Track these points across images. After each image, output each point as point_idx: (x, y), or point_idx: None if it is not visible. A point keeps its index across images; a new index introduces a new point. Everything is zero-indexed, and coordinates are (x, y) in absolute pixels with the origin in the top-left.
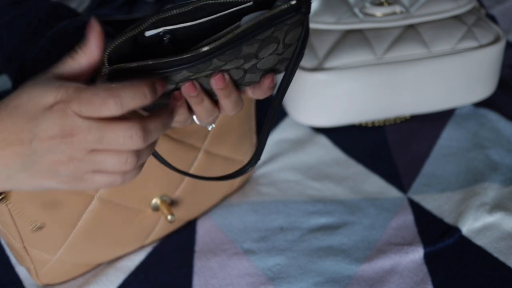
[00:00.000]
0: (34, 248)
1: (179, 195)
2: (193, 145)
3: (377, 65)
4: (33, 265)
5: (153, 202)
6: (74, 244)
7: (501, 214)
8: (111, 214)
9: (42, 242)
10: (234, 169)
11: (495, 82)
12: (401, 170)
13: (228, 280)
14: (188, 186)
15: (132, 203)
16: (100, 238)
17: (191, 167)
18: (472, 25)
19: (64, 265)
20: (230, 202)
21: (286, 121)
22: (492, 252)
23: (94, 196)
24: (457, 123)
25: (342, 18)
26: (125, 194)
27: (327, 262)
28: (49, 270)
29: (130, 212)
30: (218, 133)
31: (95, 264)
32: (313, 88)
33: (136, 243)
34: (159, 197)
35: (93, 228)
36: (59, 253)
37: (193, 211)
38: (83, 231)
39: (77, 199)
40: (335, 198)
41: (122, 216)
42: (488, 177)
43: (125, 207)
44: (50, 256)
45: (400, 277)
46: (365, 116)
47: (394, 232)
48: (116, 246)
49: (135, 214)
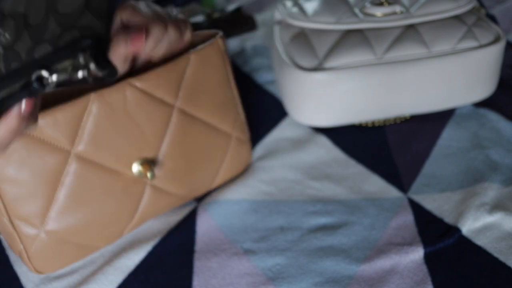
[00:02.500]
0: (19, 220)
1: (161, 160)
2: (163, 100)
3: (377, 65)
4: (23, 244)
5: (134, 165)
6: (58, 213)
7: (501, 214)
8: (91, 175)
9: (26, 210)
10: (219, 140)
11: (495, 82)
12: (401, 170)
13: (228, 280)
14: (170, 151)
15: (110, 163)
16: (85, 208)
17: (166, 127)
18: (472, 25)
19: (54, 245)
20: (230, 201)
21: (286, 120)
22: (492, 252)
23: (70, 151)
24: (457, 123)
25: (342, 18)
26: (103, 151)
27: (327, 262)
28: (38, 250)
29: (110, 175)
30: (190, 91)
31: (86, 247)
32: (313, 88)
33: (124, 219)
34: (139, 160)
35: (76, 193)
36: (44, 224)
37: (181, 186)
38: (66, 196)
39: (54, 155)
40: (335, 198)
41: (103, 179)
42: (488, 177)
43: (105, 168)
44: (36, 229)
45: (400, 277)
46: (365, 116)
47: (394, 232)
48: (104, 222)
49: (117, 177)
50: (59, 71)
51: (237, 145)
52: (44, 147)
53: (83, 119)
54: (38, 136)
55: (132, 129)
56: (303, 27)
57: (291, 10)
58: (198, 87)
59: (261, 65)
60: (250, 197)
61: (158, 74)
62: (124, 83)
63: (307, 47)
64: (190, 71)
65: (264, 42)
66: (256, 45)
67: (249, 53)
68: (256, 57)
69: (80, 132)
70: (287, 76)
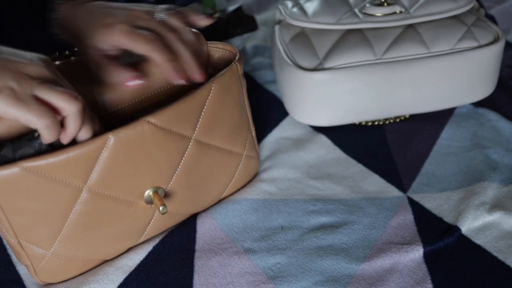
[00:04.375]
0: (28, 243)
1: (173, 187)
2: (182, 134)
3: (377, 65)
4: (30, 261)
5: (145, 194)
6: (68, 238)
7: (501, 213)
8: (103, 206)
9: (35, 236)
10: (231, 161)
11: (495, 82)
12: (401, 170)
13: (229, 279)
14: (182, 179)
15: (123, 195)
16: (94, 232)
17: (181, 159)
18: (472, 25)
19: (61, 261)
20: (231, 200)
21: (287, 120)
22: (492, 251)
23: (82, 187)
24: (457, 122)
25: (342, 18)
26: (115, 185)
27: (327, 261)
28: (46, 266)
29: (122, 204)
30: (208, 122)
31: (93, 261)
32: (313, 88)
33: (132, 238)
34: (152, 189)
35: (86, 220)
36: (53, 247)
37: (189, 207)
38: (75, 224)
39: (66, 191)
40: (335, 197)
41: (114, 208)
42: (488, 177)
43: (116, 198)
44: (45, 250)
45: (400, 276)
46: (365, 115)
47: (394, 231)
48: (112, 241)
49: (128, 206)
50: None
51: (247, 161)
52: (56, 185)
53: (99, 159)
54: (50, 175)
55: (146, 162)
56: (303, 27)
57: (291, 10)
58: (216, 116)
59: (262, 65)
60: (251, 197)
61: (178, 110)
62: (142, 121)
63: (307, 47)
64: (210, 102)
65: (265, 42)
66: (256, 45)
67: (249, 53)
68: (256, 57)
69: (94, 170)
70: (288, 76)
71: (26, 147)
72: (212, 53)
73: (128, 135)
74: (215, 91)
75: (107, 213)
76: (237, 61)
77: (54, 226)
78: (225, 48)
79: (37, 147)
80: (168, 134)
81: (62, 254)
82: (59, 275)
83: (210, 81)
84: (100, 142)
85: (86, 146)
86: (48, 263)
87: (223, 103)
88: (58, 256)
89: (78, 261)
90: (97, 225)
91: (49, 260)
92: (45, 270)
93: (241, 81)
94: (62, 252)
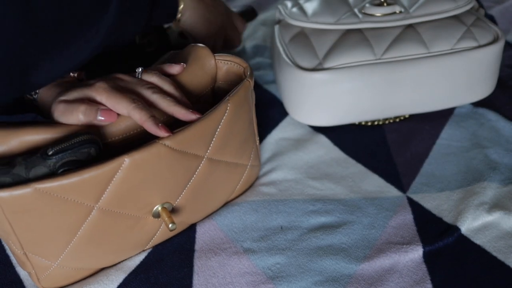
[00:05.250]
0: (34, 255)
1: (180, 202)
2: (196, 154)
3: (376, 65)
4: (34, 270)
5: (154, 209)
6: (75, 252)
7: (500, 213)
8: (112, 222)
9: (43, 250)
10: (237, 173)
11: (494, 82)
12: (400, 170)
13: (228, 279)
14: (190, 194)
15: (133, 211)
16: (101, 245)
17: (193, 175)
18: (471, 25)
19: (66, 271)
20: (230, 203)
21: (286, 120)
22: (491, 251)
23: (93, 207)
24: (456, 122)
25: (342, 18)
26: (126, 203)
27: (327, 261)
28: (50, 275)
29: (131, 220)
30: (221, 140)
31: (96, 269)
32: (313, 88)
33: (137, 249)
34: (160, 205)
35: (94, 236)
36: (59, 259)
37: (194, 217)
38: (84, 240)
39: (77, 210)
40: (334, 197)
41: (123, 224)
42: (487, 177)
43: (126, 215)
44: (51, 262)
45: (400, 276)
46: (364, 115)
47: (394, 231)
48: (117, 252)
49: (136, 221)
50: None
51: (251, 170)
52: (67, 205)
53: (112, 181)
54: (62, 196)
55: (158, 182)
56: (303, 27)
57: (291, 10)
58: (229, 133)
59: (261, 65)
60: (250, 198)
61: (194, 132)
62: (158, 144)
63: (307, 47)
64: (225, 120)
65: (264, 42)
66: (256, 45)
67: (249, 53)
68: (256, 57)
69: (107, 191)
70: (287, 76)
71: (39, 166)
72: (220, 65)
73: (143, 157)
74: (230, 110)
75: (115, 228)
76: (249, 77)
77: (62, 241)
78: (234, 61)
79: (51, 166)
80: (183, 155)
81: (68, 265)
82: (62, 282)
83: (226, 100)
84: (115, 164)
85: (101, 168)
86: (53, 273)
87: (236, 120)
88: (63, 267)
89: (82, 270)
90: (105, 239)
91: (54, 270)
92: (48, 279)
93: (251, 96)
94: (68, 264)
